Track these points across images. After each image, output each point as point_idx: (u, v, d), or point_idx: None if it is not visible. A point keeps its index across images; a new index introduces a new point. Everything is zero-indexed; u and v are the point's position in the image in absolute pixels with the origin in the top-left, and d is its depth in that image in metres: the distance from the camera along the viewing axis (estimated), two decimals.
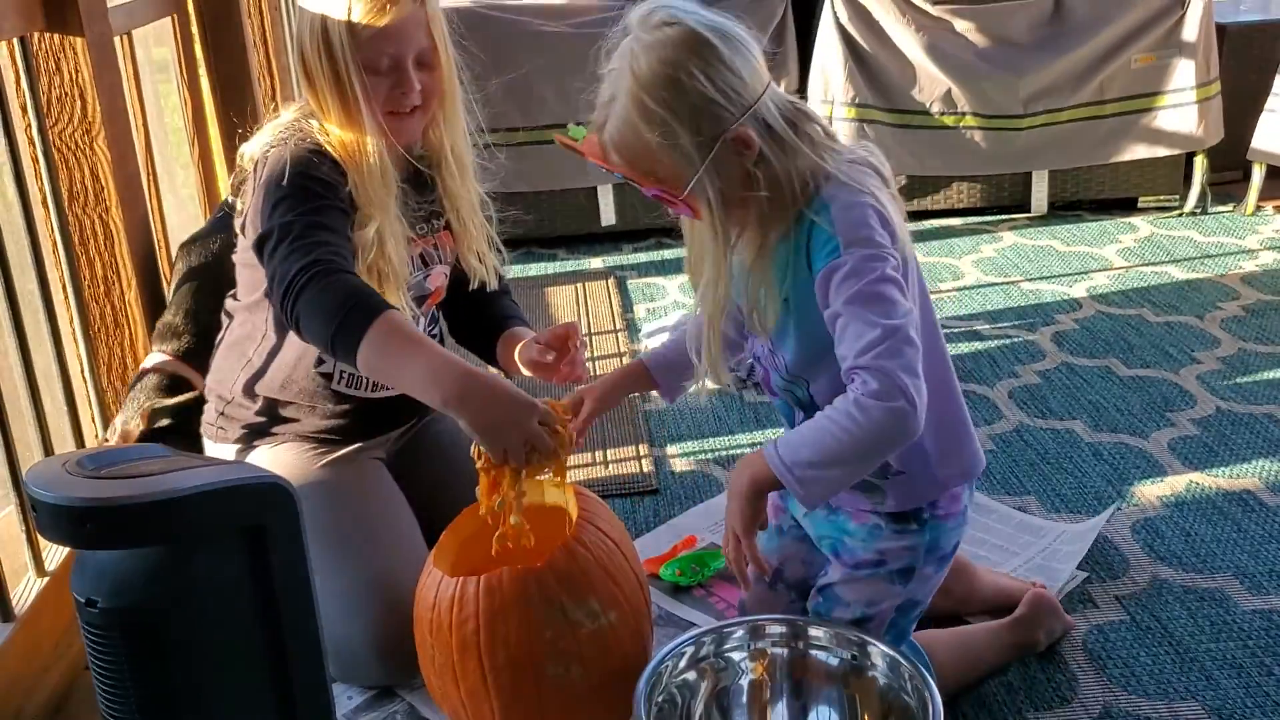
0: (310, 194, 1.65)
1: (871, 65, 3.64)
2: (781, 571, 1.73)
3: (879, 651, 1.54)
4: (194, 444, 2.00)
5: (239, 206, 1.81)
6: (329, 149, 1.72)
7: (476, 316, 2.01)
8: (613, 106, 1.43)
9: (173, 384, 2.15)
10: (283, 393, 1.87)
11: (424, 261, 1.87)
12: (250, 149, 1.78)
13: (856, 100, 3.65)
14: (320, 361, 1.85)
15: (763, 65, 1.43)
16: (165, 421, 2.08)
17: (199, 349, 2.15)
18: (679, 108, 1.38)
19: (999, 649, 1.77)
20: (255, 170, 1.73)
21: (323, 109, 1.73)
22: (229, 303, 1.93)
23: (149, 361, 2.18)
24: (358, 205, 1.71)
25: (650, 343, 2.97)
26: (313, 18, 1.69)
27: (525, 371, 1.91)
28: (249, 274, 1.85)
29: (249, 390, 1.88)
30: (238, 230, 1.83)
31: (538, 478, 1.64)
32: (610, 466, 2.44)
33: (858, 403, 1.34)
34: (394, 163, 1.76)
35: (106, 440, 2.14)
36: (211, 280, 2.20)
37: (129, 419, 2.10)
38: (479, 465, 1.59)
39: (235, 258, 1.89)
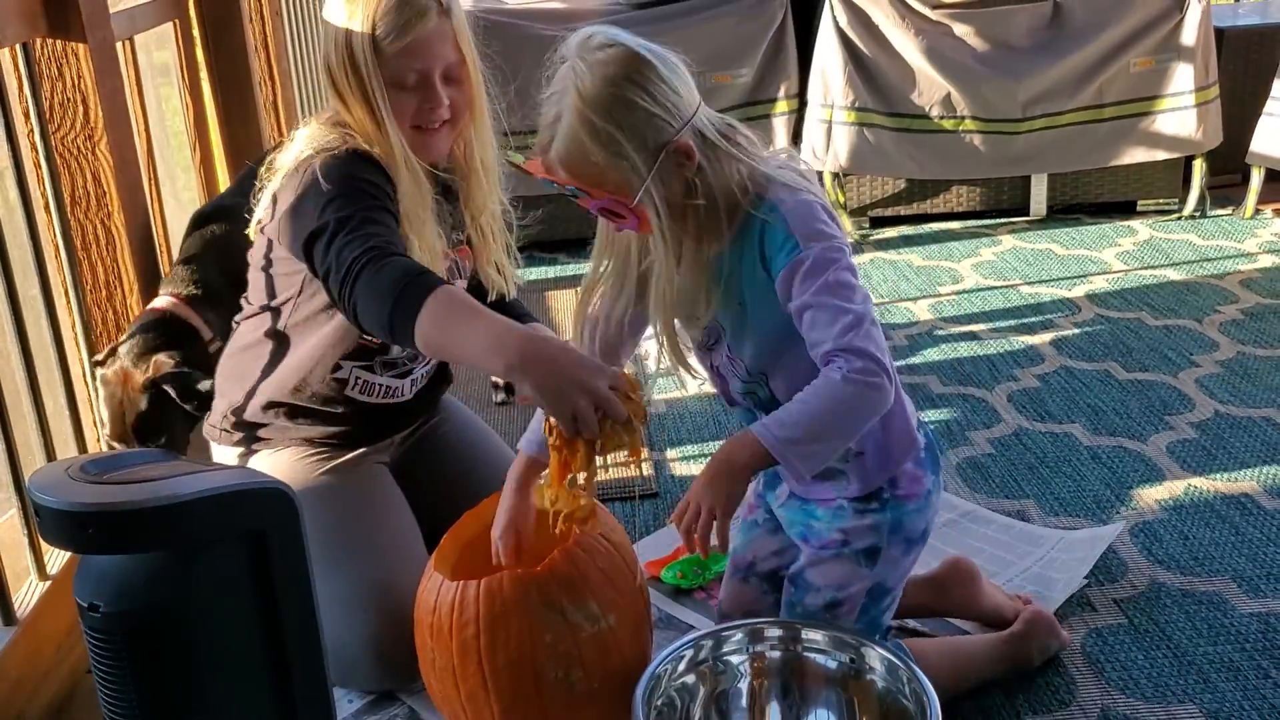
0: (362, 193, 1.66)
1: (871, 69, 3.65)
2: (754, 565, 1.76)
3: (877, 655, 1.55)
4: (195, 397, 2.03)
5: (259, 214, 1.80)
6: (374, 155, 1.73)
7: None
8: (558, 126, 1.47)
9: (176, 330, 2.12)
10: (294, 397, 1.87)
11: (448, 277, 1.87)
12: (284, 159, 1.76)
13: (856, 104, 3.66)
14: (336, 368, 1.86)
15: (693, 85, 1.53)
16: (170, 368, 2.06)
17: (206, 296, 2.15)
18: (624, 122, 1.45)
19: (992, 661, 1.77)
20: (297, 174, 1.71)
21: (352, 123, 1.74)
22: (244, 306, 1.92)
23: (155, 303, 2.17)
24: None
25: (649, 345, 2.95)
26: (337, 33, 1.70)
27: None
28: (261, 277, 1.86)
29: (258, 395, 1.88)
30: (254, 233, 1.83)
31: (611, 455, 1.53)
32: (610, 470, 2.45)
33: (845, 379, 1.42)
34: (425, 175, 1.77)
35: (100, 367, 2.11)
36: (224, 234, 2.20)
37: (133, 362, 2.07)
38: (550, 443, 1.51)
39: (251, 258, 1.88)
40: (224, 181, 3.30)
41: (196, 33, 3.12)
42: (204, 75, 3.15)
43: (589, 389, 1.41)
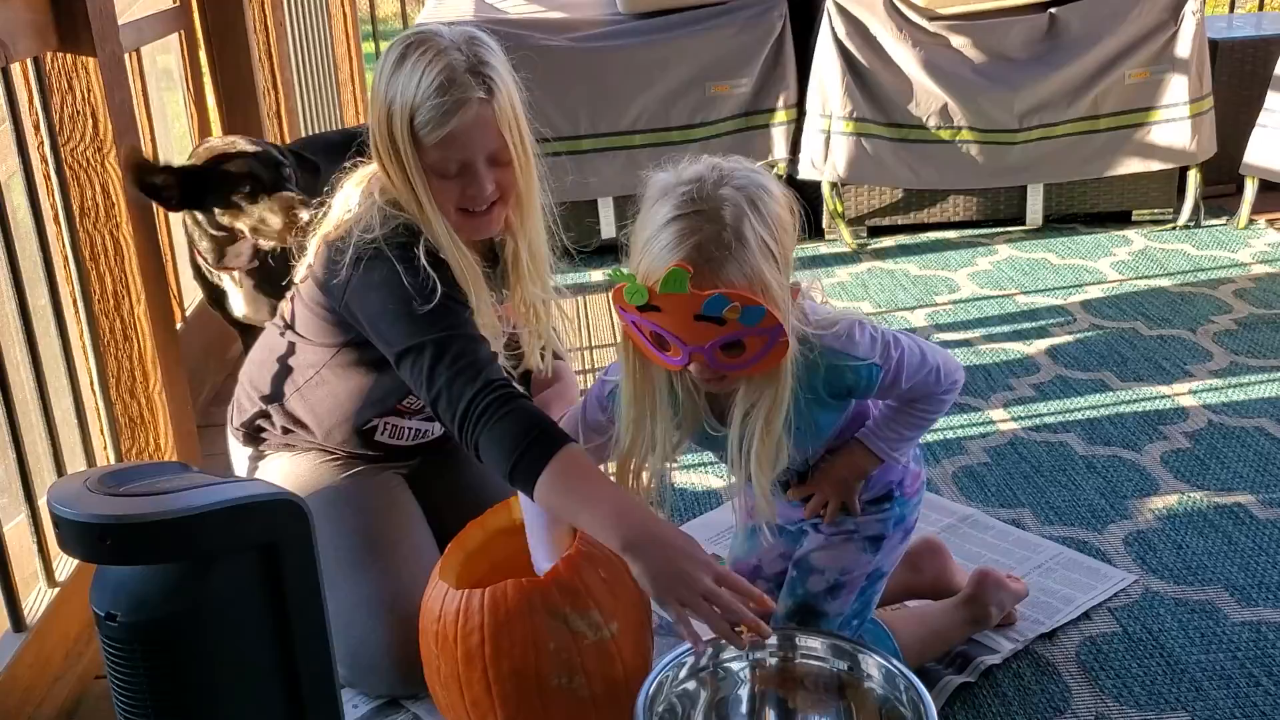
0: (446, 309, 1.63)
1: (869, 80, 3.68)
2: (760, 569, 1.82)
3: (874, 662, 1.58)
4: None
5: (302, 271, 1.81)
6: (424, 235, 1.69)
7: None
8: (720, 239, 1.37)
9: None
10: (318, 427, 1.89)
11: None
12: (326, 228, 1.76)
13: (854, 114, 3.69)
14: (367, 420, 1.87)
15: None
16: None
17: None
18: (778, 237, 1.42)
19: (955, 626, 1.86)
20: (349, 256, 1.68)
21: (399, 195, 1.71)
22: (291, 329, 1.88)
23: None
24: None
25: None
26: (379, 113, 1.67)
27: None
28: (314, 321, 1.83)
29: (288, 410, 1.90)
30: (300, 281, 1.83)
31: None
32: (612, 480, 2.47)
33: (940, 389, 1.62)
34: (471, 248, 1.75)
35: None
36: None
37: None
38: None
39: (301, 293, 1.85)
40: None
41: (201, 43, 3.15)
42: (208, 85, 3.18)
43: (693, 581, 1.42)
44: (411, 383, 1.65)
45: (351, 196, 1.77)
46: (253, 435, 1.95)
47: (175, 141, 3.13)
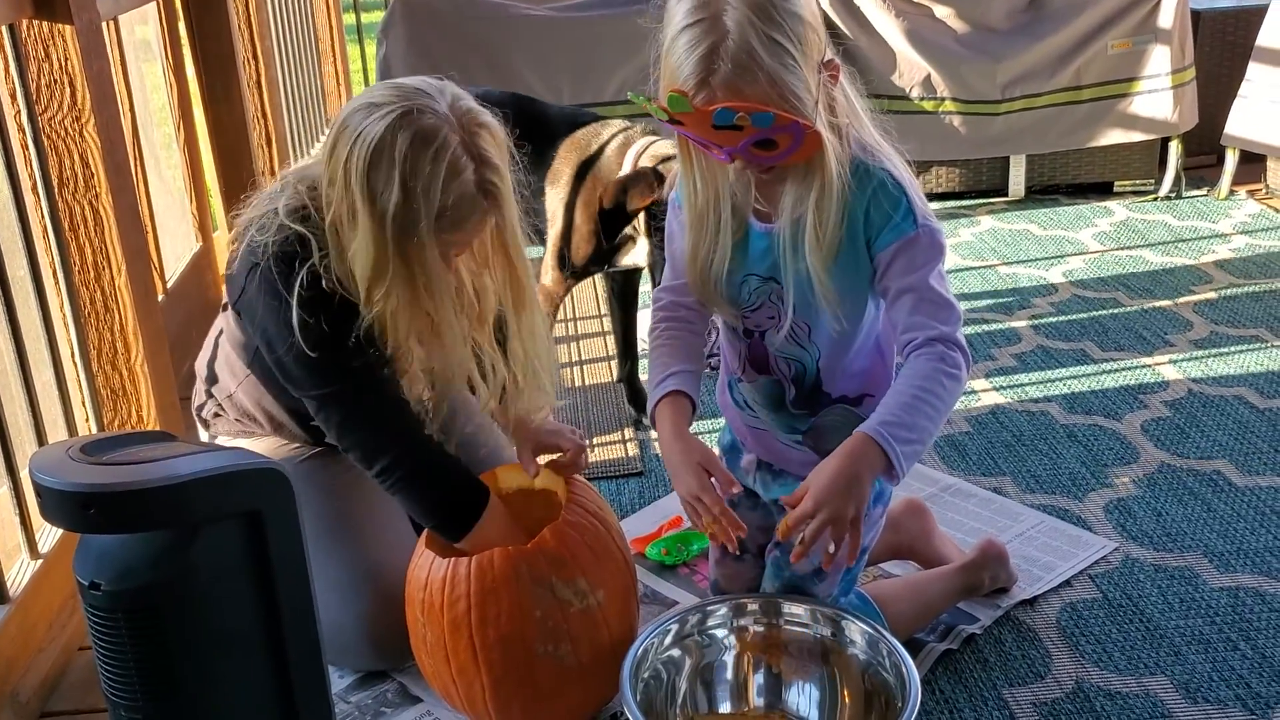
0: (330, 345, 1.59)
1: (852, 50, 3.67)
2: (745, 543, 1.76)
3: (857, 628, 1.59)
4: None
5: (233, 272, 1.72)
6: (312, 259, 1.59)
7: None
8: (720, 50, 1.37)
9: None
10: (268, 421, 1.84)
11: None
12: (249, 212, 1.68)
13: None
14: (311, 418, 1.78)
15: None
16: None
17: None
18: (794, 33, 1.38)
19: (948, 594, 1.87)
20: (240, 257, 1.64)
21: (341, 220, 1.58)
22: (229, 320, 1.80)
23: None
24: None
25: None
26: (398, 189, 1.51)
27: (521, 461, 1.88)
28: (230, 314, 1.76)
29: (236, 403, 1.85)
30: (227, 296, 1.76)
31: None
32: (597, 450, 2.48)
33: (953, 375, 1.48)
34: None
35: None
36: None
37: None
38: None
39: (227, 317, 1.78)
40: (208, 163, 3.31)
41: (180, 12, 3.12)
42: (187, 54, 3.15)
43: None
44: (316, 421, 1.69)
45: (270, 185, 1.71)
46: (207, 423, 1.93)
47: (155, 113, 3.10)
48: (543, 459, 1.80)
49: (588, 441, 1.92)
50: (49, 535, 2.02)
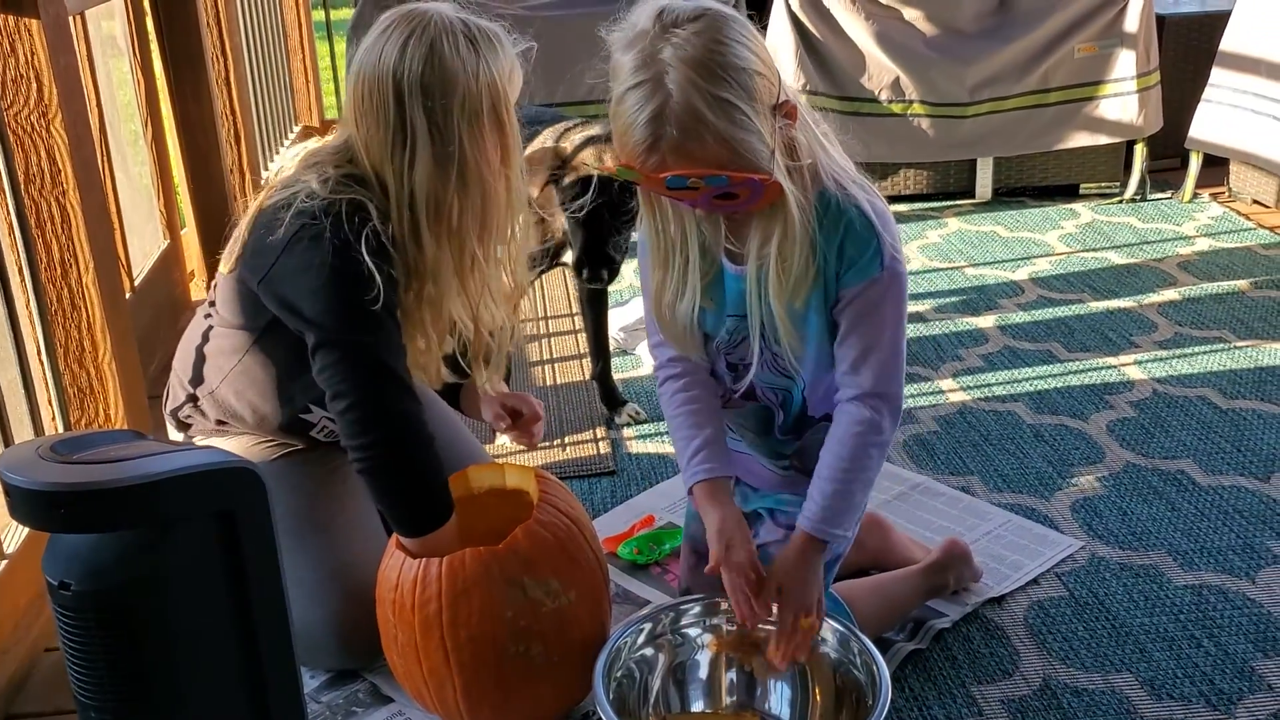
0: (370, 308, 1.58)
1: (822, 52, 3.69)
2: None
3: (829, 627, 1.60)
4: None
5: (239, 232, 1.72)
6: (374, 219, 1.61)
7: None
8: (665, 114, 1.35)
9: None
10: (251, 415, 1.83)
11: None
12: (263, 199, 1.68)
13: (807, 87, 3.69)
14: (304, 405, 1.80)
15: None
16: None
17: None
18: (742, 85, 1.35)
19: (915, 594, 1.88)
20: (281, 231, 1.61)
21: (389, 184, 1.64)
22: (212, 314, 1.82)
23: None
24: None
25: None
26: (447, 88, 1.62)
27: (486, 418, 2.00)
28: (240, 305, 1.76)
29: (218, 399, 1.84)
30: (228, 256, 1.74)
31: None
32: (569, 449, 2.48)
33: (879, 444, 1.55)
34: None
35: None
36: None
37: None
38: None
39: (220, 280, 1.78)
40: (175, 159, 3.28)
41: (147, 7, 3.09)
42: (155, 50, 3.12)
43: None
44: (320, 376, 1.62)
45: (287, 170, 1.71)
46: (183, 424, 1.91)
47: (122, 109, 3.07)
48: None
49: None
50: (15, 534, 2.00)
